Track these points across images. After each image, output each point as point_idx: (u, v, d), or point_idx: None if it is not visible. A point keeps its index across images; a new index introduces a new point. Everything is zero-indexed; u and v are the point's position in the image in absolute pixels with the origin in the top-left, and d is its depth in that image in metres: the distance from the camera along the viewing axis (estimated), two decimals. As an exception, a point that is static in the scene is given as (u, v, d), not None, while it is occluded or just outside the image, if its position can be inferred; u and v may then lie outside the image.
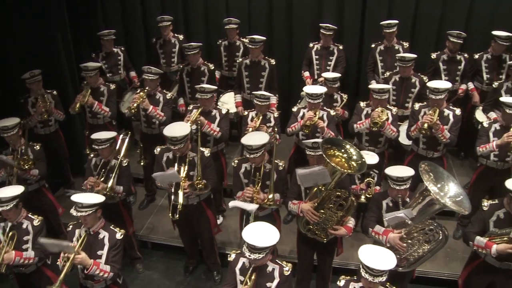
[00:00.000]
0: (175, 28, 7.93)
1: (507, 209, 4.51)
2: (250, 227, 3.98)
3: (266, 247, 3.82)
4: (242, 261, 4.14)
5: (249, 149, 4.90)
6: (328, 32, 7.21)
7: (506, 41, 6.78)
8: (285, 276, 4.01)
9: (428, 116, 5.62)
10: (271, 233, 3.94)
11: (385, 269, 3.64)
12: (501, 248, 4.38)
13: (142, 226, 6.65)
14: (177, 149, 5.13)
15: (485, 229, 4.61)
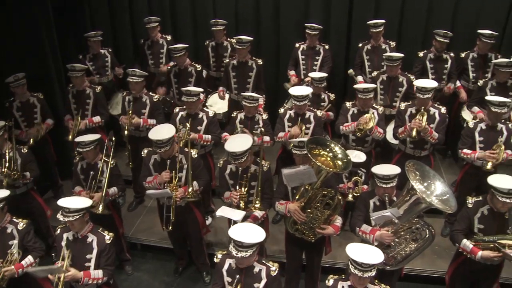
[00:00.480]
0: (163, 29, 7.92)
1: (490, 205, 4.57)
2: (237, 226, 4.00)
3: (253, 244, 3.83)
4: (228, 262, 4.14)
5: (233, 155, 4.92)
6: (313, 32, 7.22)
7: (491, 39, 6.84)
8: (272, 276, 4.03)
9: (416, 122, 5.66)
10: (257, 232, 3.95)
11: (373, 263, 3.68)
12: (486, 255, 4.46)
13: (132, 228, 6.64)
14: (163, 152, 5.13)
15: (471, 226, 4.66)
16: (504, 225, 4.55)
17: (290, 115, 6.02)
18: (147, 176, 5.41)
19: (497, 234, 4.54)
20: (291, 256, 5.28)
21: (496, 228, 4.56)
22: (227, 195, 5.22)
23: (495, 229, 4.57)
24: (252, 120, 6.06)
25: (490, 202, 4.56)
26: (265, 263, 4.08)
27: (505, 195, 4.33)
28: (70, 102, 6.66)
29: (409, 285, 5.95)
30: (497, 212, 4.52)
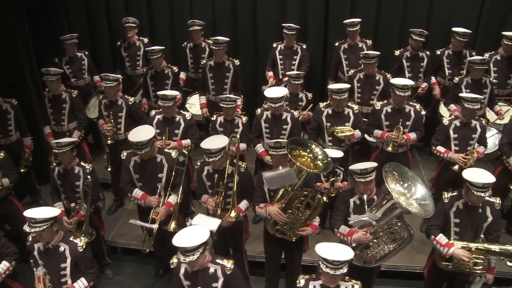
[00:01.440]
0: (140, 31, 7.89)
1: (465, 200, 4.63)
2: (180, 233, 3.96)
3: (196, 246, 3.81)
4: (183, 266, 4.13)
5: (207, 152, 4.89)
6: (290, 32, 7.25)
7: (464, 37, 6.96)
8: (228, 274, 4.06)
9: (392, 137, 5.83)
10: (200, 233, 3.93)
11: (344, 259, 3.70)
12: (458, 253, 4.54)
13: (112, 231, 6.59)
14: (143, 153, 5.11)
15: (447, 220, 4.72)
16: (479, 218, 4.62)
17: (267, 116, 6.02)
18: (127, 179, 5.37)
19: (473, 228, 4.64)
20: (270, 256, 5.30)
21: (471, 222, 4.64)
22: (204, 199, 5.21)
23: (470, 222, 4.64)
24: (231, 123, 6.05)
25: (465, 196, 4.62)
26: (219, 263, 4.10)
27: (480, 189, 4.39)
28: (46, 106, 6.59)
29: (389, 281, 6.00)
30: (472, 206, 4.59)
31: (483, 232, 4.64)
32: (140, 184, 5.36)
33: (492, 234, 4.67)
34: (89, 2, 8.22)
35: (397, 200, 4.19)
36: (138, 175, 5.32)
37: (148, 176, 5.32)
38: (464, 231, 4.66)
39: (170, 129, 5.91)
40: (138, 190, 5.35)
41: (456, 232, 4.69)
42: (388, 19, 7.83)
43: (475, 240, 4.65)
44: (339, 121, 5.97)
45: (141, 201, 5.36)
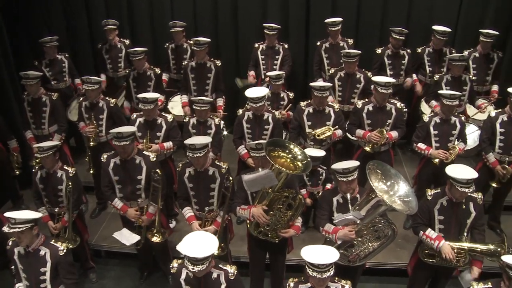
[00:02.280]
0: (121, 33, 7.84)
1: (449, 196, 4.66)
2: (188, 239, 3.83)
3: (207, 256, 3.68)
4: (185, 271, 4.01)
5: (191, 148, 4.85)
6: (271, 32, 7.27)
7: (444, 36, 7.06)
8: (232, 280, 3.97)
9: (374, 137, 5.87)
10: (210, 242, 3.81)
11: (330, 262, 3.69)
12: (446, 248, 4.58)
13: (95, 235, 6.54)
14: (122, 146, 5.08)
15: (431, 218, 4.75)
16: (463, 214, 4.66)
17: (249, 117, 6.02)
18: (107, 181, 5.36)
19: (457, 224, 4.67)
20: (255, 258, 5.29)
21: (455, 218, 4.67)
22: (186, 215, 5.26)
23: (454, 219, 4.68)
24: (204, 125, 6.03)
25: (449, 193, 4.66)
26: (222, 268, 4.00)
27: (464, 185, 4.42)
28: (26, 110, 6.52)
29: (373, 278, 6.06)
30: (456, 202, 4.63)
31: (468, 227, 4.69)
32: (120, 186, 5.34)
33: (478, 228, 4.73)
34: (69, 4, 8.13)
35: (381, 198, 4.20)
36: (118, 177, 5.30)
37: (127, 178, 5.31)
38: (449, 227, 4.70)
39: (151, 132, 5.88)
40: (118, 200, 5.38)
41: (440, 229, 4.72)
42: (369, 18, 7.89)
43: (459, 237, 4.69)
44: (320, 120, 5.98)
45: (120, 212, 5.41)
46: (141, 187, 5.31)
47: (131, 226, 5.48)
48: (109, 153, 5.43)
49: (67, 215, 5.42)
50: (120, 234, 5.45)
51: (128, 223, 5.51)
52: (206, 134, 5.97)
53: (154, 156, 5.35)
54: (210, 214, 5.23)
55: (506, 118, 5.77)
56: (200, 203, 5.21)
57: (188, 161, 5.19)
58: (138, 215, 5.37)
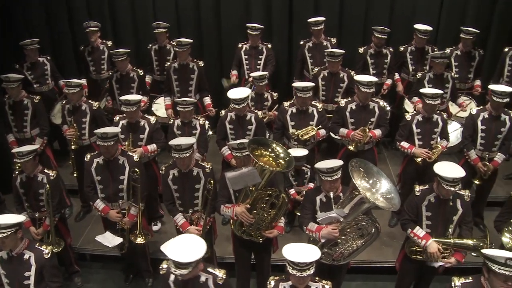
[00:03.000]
0: (104, 35, 7.79)
1: (437, 193, 4.69)
2: (174, 241, 3.75)
3: (191, 262, 3.61)
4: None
5: (177, 149, 4.84)
6: (254, 32, 7.27)
7: (425, 35, 7.13)
8: (220, 284, 3.91)
9: (358, 136, 5.90)
10: (197, 245, 3.72)
11: (310, 261, 3.70)
12: (433, 248, 4.62)
13: (80, 238, 6.49)
14: (105, 146, 5.07)
15: (418, 214, 4.78)
16: (450, 211, 4.70)
17: (231, 117, 6.01)
18: (89, 182, 5.35)
19: (443, 221, 4.72)
20: (240, 258, 5.29)
21: (442, 215, 4.71)
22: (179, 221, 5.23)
23: (441, 215, 4.71)
24: (189, 126, 6.02)
25: (436, 190, 4.69)
26: (211, 272, 3.94)
27: (450, 183, 4.46)
28: (7, 113, 6.45)
29: (359, 276, 6.08)
30: (443, 199, 4.66)
31: (454, 224, 4.73)
32: (101, 186, 5.33)
33: (466, 225, 4.77)
34: (50, 7, 8.06)
35: (364, 195, 4.23)
36: (100, 177, 5.29)
37: (110, 178, 5.30)
38: (436, 224, 4.73)
39: (134, 134, 5.86)
40: (100, 201, 5.36)
41: (427, 225, 4.75)
42: (352, 17, 7.93)
43: (445, 233, 4.73)
44: (303, 119, 5.99)
45: (102, 213, 5.39)
46: (123, 187, 5.30)
47: (114, 229, 5.45)
48: (93, 153, 5.43)
49: (48, 219, 5.37)
50: (103, 237, 5.44)
51: (111, 226, 5.49)
52: (191, 135, 5.96)
53: (138, 157, 5.34)
54: (195, 215, 5.22)
55: (487, 116, 5.84)
56: (184, 204, 5.20)
57: (171, 163, 5.18)
58: (119, 217, 5.35)
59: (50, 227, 5.37)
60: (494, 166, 5.93)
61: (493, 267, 3.58)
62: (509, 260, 3.51)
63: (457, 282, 3.91)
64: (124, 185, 5.28)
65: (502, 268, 3.54)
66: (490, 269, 3.61)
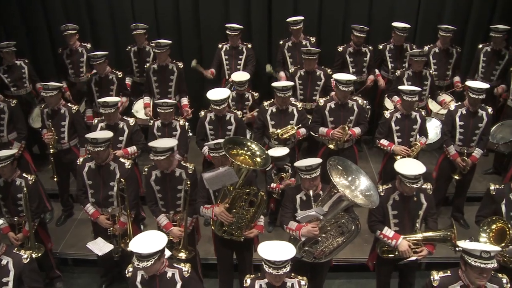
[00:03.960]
0: (82, 37, 7.71)
1: (400, 191, 4.73)
2: (138, 238, 3.90)
3: (152, 253, 3.76)
4: (140, 273, 4.06)
5: (154, 151, 4.85)
6: (233, 32, 7.27)
7: (404, 32, 7.18)
8: (186, 277, 4.03)
9: (337, 134, 5.92)
10: (158, 239, 3.88)
11: (286, 259, 3.72)
12: (403, 246, 4.66)
13: (61, 243, 6.42)
14: (96, 152, 5.05)
15: (385, 213, 4.81)
16: (415, 207, 4.75)
17: (211, 118, 6.00)
18: (81, 186, 5.33)
19: (410, 217, 4.76)
20: (222, 258, 5.29)
21: (408, 212, 4.75)
22: (162, 222, 5.23)
23: (407, 212, 4.76)
24: (169, 127, 6.01)
25: (399, 187, 4.72)
26: (176, 266, 4.07)
27: (412, 180, 4.50)
28: None
29: (341, 274, 6.10)
30: (407, 196, 4.70)
31: (421, 218, 4.78)
32: (92, 191, 5.30)
33: (431, 217, 4.83)
34: (26, 9, 7.96)
35: (342, 193, 4.25)
36: (91, 181, 5.27)
37: (100, 183, 5.27)
38: (403, 221, 4.77)
39: (114, 137, 5.79)
40: (90, 205, 5.33)
41: (395, 223, 4.79)
42: (330, 16, 7.95)
43: (414, 229, 4.78)
44: (283, 119, 6.00)
45: (91, 218, 5.36)
46: (114, 193, 5.27)
47: (105, 235, 5.41)
48: (86, 156, 5.41)
49: (27, 224, 5.31)
50: (94, 244, 5.37)
51: (102, 232, 5.44)
52: (171, 136, 5.95)
53: (129, 164, 5.31)
54: (177, 216, 5.22)
55: (464, 112, 5.91)
56: (167, 205, 5.21)
57: (154, 164, 5.16)
58: (109, 223, 5.32)
59: (30, 232, 5.29)
60: (472, 161, 6.01)
61: (469, 260, 3.65)
62: (484, 252, 3.59)
63: (436, 276, 3.99)
64: (114, 192, 5.25)
65: (478, 260, 3.61)
66: (467, 262, 3.68)
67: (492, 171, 7.35)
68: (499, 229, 4.64)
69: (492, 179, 7.02)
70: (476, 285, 3.76)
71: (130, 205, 5.24)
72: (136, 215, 5.59)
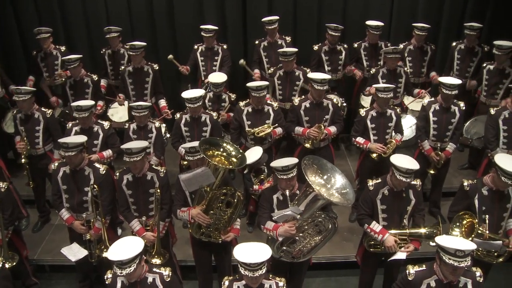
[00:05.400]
0: (56, 40, 7.60)
1: (390, 186, 4.76)
2: (114, 246, 3.85)
3: (132, 257, 3.72)
4: (120, 280, 4.00)
5: (128, 153, 4.82)
6: (208, 34, 7.25)
7: (377, 30, 7.24)
8: (167, 281, 4.01)
9: (313, 133, 5.94)
10: (135, 244, 3.84)
11: (261, 261, 3.72)
12: (389, 242, 4.69)
13: (38, 249, 6.33)
14: (67, 156, 4.96)
15: (374, 208, 4.84)
16: (404, 202, 4.78)
17: (186, 120, 5.99)
18: (56, 190, 5.26)
19: (399, 213, 4.80)
20: (200, 260, 5.28)
21: (397, 207, 4.78)
22: (135, 227, 5.18)
23: (396, 207, 4.79)
24: (145, 130, 5.98)
25: (390, 182, 4.75)
26: (156, 271, 4.04)
27: (402, 173, 4.53)
28: None
29: (321, 273, 6.13)
30: (396, 191, 4.73)
31: (409, 214, 4.81)
32: (67, 196, 5.23)
33: (419, 213, 4.87)
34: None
35: (318, 192, 4.27)
36: (66, 186, 5.20)
37: (75, 188, 5.20)
38: (391, 216, 4.80)
39: (88, 140, 5.74)
40: (65, 211, 5.26)
41: (383, 218, 4.82)
42: (305, 15, 7.99)
43: (401, 224, 4.81)
44: (259, 119, 6.02)
45: (66, 223, 5.30)
46: (88, 199, 5.20)
47: (80, 240, 5.34)
48: (60, 161, 5.33)
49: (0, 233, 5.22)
50: (69, 249, 5.29)
51: (77, 238, 5.36)
52: (147, 139, 5.92)
53: (104, 169, 5.25)
54: (150, 220, 5.18)
55: (438, 107, 5.99)
56: (139, 209, 5.17)
57: (125, 168, 5.14)
58: (83, 229, 5.25)
59: (2, 241, 5.18)
60: (446, 156, 6.10)
61: (444, 256, 3.70)
62: (458, 251, 3.63)
63: (411, 270, 4.03)
64: (89, 197, 5.19)
65: (452, 258, 3.66)
66: (441, 258, 3.72)
67: (468, 166, 7.45)
68: (470, 224, 4.71)
69: (468, 174, 7.14)
70: (449, 279, 3.82)
71: (105, 210, 5.18)
72: (112, 219, 5.54)
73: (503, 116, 5.90)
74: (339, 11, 7.93)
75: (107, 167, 5.36)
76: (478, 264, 4.27)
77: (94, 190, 5.11)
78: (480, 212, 4.74)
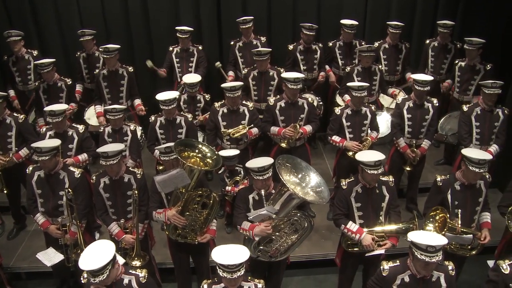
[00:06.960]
0: (29, 43, 7.49)
1: (362, 183, 4.79)
2: (84, 254, 3.73)
3: (105, 265, 3.63)
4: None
5: (104, 156, 4.79)
6: (184, 35, 7.24)
7: (352, 29, 7.30)
8: (143, 283, 3.97)
9: (288, 132, 5.97)
10: (105, 250, 3.74)
11: (240, 262, 3.69)
12: (367, 240, 4.72)
13: (13, 256, 6.22)
14: (41, 160, 4.90)
15: (349, 206, 4.85)
16: (378, 199, 4.82)
17: (161, 122, 5.98)
18: (31, 195, 5.19)
19: (374, 210, 4.82)
20: (178, 262, 5.26)
21: (371, 204, 4.81)
22: (114, 231, 5.13)
23: (370, 204, 4.82)
24: (120, 133, 5.95)
25: (362, 179, 4.78)
26: (132, 273, 4.00)
27: (373, 167, 4.56)
28: None
29: (300, 271, 6.14)
30: (369, 188, 4.76)
31: (384, 211, 4.84)
32: (42, 200, 5.17)
33: (394, 210, 4.92)
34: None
35: (292, 191, 4.29)
36: (40, 191, 5.14)
37: (50, 193, 5.15)
38: (367, 213, 4.83)
39: (63, 145, 5.67)
40: (40, 215, 5.20)
41: (359, 216, 4.84)
42: (280, 15, 8.00)
43: (378, 222, 4.83)
44: (234, 119, 6.02)
45: (41, 227, 5.23)
46: (63, 203, 5.14)
47: (57, 245, 5.28)
48: (35, 165, 5.26)
49: None
50: (44, 254, 5.23)
51: (53, 242, 5.31)
52: (122, 141, 5.89)
53: (79, 173, 5.19)
54: (129, 223, 5.15)
55: (411, 104, 6.07)
56: (117, 212, 5.14)
57: (102, 172, 5.10)
58: (59, 233, 5.19)
59: None
60: (422, 152, 6.17)
61: (416, 252, 3.73)
62: (429, 247, 3.66)
63: (385, 266, 4.06)
64: (64, 201, 5.13)
65: (424, 254, 3.69)
66: (413, 254, 3.76)
67: (443, 162, 7.55)
68: (443, 219, 4.77)
69: (443, 170, 7.23)
70: (422, 274, 3.85)
71: (80, 214, 5.13)
72: (88, 223, 5.49)
73: (476, 112, 5.98)
74: (313, 10, 7.96)
75: (82, 171, 5.31)
76: (452, 258, 4.33)
77: (69, 194, 5.05)
78: (453, 206, 4.81)
